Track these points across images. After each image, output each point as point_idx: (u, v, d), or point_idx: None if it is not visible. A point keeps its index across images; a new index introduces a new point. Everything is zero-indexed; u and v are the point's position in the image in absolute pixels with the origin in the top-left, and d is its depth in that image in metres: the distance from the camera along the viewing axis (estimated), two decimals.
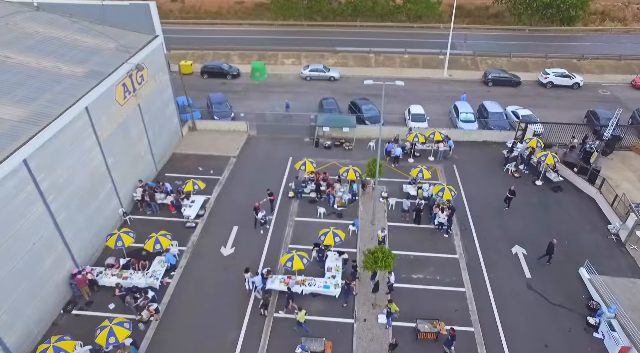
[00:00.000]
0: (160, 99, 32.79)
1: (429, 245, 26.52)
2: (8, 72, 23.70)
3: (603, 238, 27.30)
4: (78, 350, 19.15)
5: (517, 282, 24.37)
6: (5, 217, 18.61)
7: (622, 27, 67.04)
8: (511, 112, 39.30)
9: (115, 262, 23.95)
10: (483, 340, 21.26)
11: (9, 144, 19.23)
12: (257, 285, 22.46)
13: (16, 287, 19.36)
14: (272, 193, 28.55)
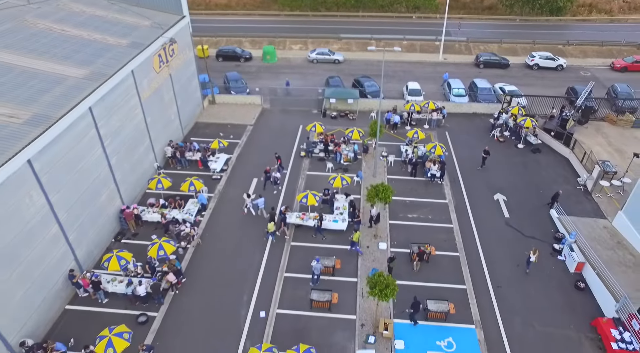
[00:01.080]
0: (186, 73, 37.09)
1: (423, 192, 30.84)
2: (67, 42, 28.03)
3: (573, 189, 31.60)
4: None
5: (497, 221, 28.68)
6: (74, 154, 22.90)
7: (607, 18, 71.32)
8: (498, 88, 43.61)
9: (156, 202, 28.26)
10: (467, 262, 25.54)
11: (77, 95, 23.52)
12: (260, 205, 27.86)
13: (83, 211, 23.67)
14: (279, 157, 32.64)
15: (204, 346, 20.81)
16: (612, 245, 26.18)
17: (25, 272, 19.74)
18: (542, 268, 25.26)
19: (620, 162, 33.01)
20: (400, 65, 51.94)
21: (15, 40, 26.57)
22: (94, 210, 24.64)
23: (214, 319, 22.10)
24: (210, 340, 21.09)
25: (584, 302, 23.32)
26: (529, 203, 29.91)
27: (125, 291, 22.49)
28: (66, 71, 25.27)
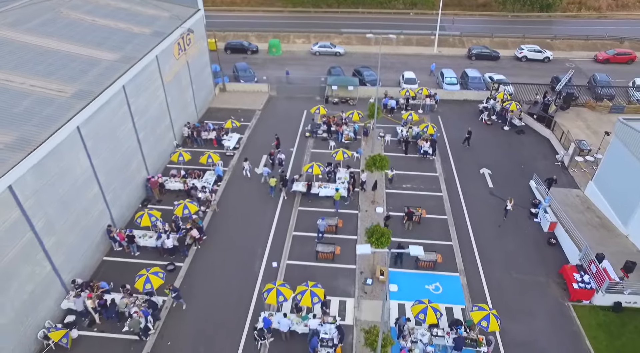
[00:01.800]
0: (200, 61, 40.51)
1: (416, 166, 34.28)
2: (98, 30, 31.44)
3: (551, 164, 35.04)
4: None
5: (482, 190, 32.11)
6: (111, 125, 26.32)
7: (596, 14, 74.79)
8: (488, 77, 47.00)
9: (177, 173, 31.66)
10: (454, 223, 28.96)
11: (112, 75, 26.92)
12: (265, 173, 31.68)
13: (117, 176, 27.07)
14: (278, 138, 35.87)
15: (225, 289, 24.21)
16: (582, 209, 29.61)
17: (75, 221, 23.14)
18: (520, 229, 28.71)
19: (595, 141, 36.39)
20: (397, 57, 55.36)
21: (55, 28, 29.97)
22: (125, 176, 28.06)
23: (232, 268, 25.51)
24: (229, 284, 24.50)
25: (554, 255, 26.75)
26: (512, 176, 33.34)
27: (155, 244, 25.92)
28: (100, 55, 28.68)
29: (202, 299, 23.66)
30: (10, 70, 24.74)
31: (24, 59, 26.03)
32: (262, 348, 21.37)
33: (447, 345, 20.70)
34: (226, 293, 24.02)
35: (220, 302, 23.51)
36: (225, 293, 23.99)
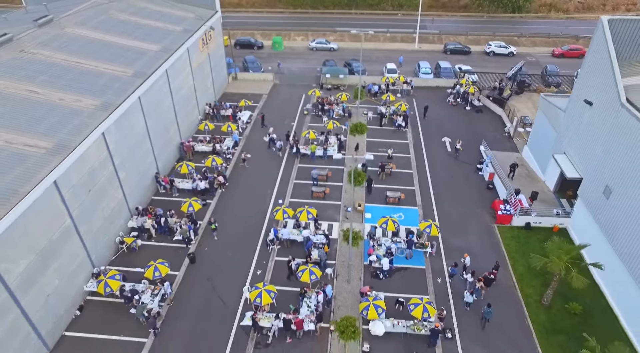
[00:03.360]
0: (217, 54, 49.37)
1: (392, 136, 43.14)
2: (141, 28, 40.32)
3: (500, 135, 43.93)
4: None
5: (442, 153, 40.99)
6: (159, 99, 35.14)
7: (564, 16, 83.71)
8: (457, 68, 55.88)
9: (204, 138, 40.53)
10: (417, 175, 37.80)
11: (157, 62, 35.77)
12: (278, 145, 39.90)
13: (161, 137, 35.90)
14: (263, 115, 44.72)
15: (243, 217, 32.99)
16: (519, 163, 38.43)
17: (136, 165, 31.99)
18: (468, 179, 37.60)
19: None
20: (383, 52, 64.22)
21: (110, 26, 38.86)
22: (166, 138, 36.94)
23: (249, 204, 34.35)
24: (247, 214, 33.31)
25: (490, 196, 35.60)
26: (466, 143, 42.11)
27: (191, 187, 34.76)
28: (147, 47, 37.54)
29: (228, 224, 32.44)
30: (87, 57, 33.59)
31: (94, 49, 34.92)
32: (272, 252, 30.19)
33: (403, 248, 29.54)
34: (245, 219, 32.85)
35: (240, 226, 32.32)
36: (244, 220, 32.82)
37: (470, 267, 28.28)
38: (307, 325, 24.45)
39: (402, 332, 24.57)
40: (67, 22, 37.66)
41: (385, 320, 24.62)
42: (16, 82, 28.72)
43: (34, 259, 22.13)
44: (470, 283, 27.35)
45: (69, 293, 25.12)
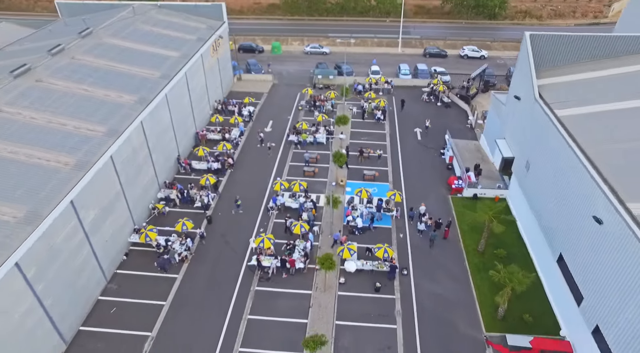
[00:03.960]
0: (224, 58, 57.60)
1: (372, 127, 51.38)
2: (163, 37, 48.54)
3: (464, 127, 52.18)
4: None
5: (413, 141, 49.23)
6: (179, 96, 43.32)
7: (538, 22, 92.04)
8: (433, 69, 64.16)
9: (215, 129, 48.76)
10: (391, 159, 46.03)
11: (178, 67, 43.99)
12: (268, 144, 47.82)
13: (181, 127, 44.10)
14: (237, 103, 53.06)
15: (249, 189, 41.13)
16: (473, 151, 46.56)
17: (163, 149, 40.18)
18: (432, 162, 45.82)
19: None
20: (370, 55, 72.43)
21: (137, 36, 47.09)
22: (185, 128, 45.17)
23: (253, 179, 42.56)
24: (252, 186, 41.47)
25: (449, 174, 43.77)
26: (434, 133, 50.36)
27: (206, 167, 42.96)
28: (168, 53, 45.77)
29: (238, 193, 40.62)
30: (122, 62, 41.81)
31: (126, 55, 43.15)
32: (272, 216, 38.37)
33: (373, 211, 37.73)
34: (250, 190, 41.02)
35: (247, 196, 40.44)
36: (249, 191, 40.98)
37: (424, 215, 36.90)
38: (298, 264, 32.66)
39: (369, 269, 32.79)
40: (103, 33, 45.91)
41: (356, 261, 32.83)
42: (73, 83, 36.96)
43: (98, 212, 30.34)
44: (425, 223, 36.03)
45: (118, 241, 33.34)
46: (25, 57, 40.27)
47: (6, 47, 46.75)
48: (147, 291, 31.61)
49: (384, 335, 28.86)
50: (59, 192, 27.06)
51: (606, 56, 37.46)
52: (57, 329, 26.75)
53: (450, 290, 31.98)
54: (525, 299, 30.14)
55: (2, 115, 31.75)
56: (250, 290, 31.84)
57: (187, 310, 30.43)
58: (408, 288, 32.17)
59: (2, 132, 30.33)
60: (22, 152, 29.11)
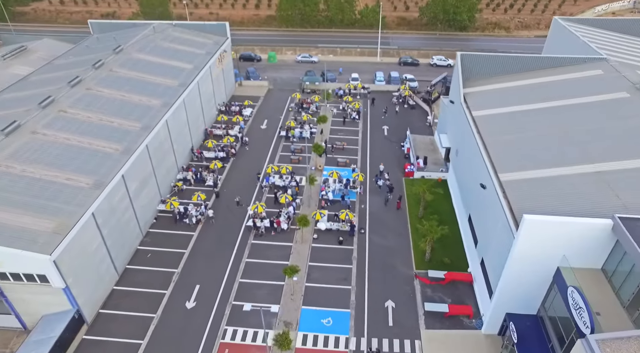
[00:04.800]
0: (228, 68, 69.33)
1: (348, 125, 63.07)
2: (178, 52, 60.29)
3: (424, 125, 63.85)
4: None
5: (380, 136, 60.93)
6: (192, 100, 55.02)
7: (505, 33, 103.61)
8: (403, 76, 75.84)
9: (220, 126, 60.47)
10: (360, 150, 57.68)
11: (192, 76, 55.70)
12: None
13: (194, 124, 55.80)
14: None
15: (247, 172, 52.84)
16: (427, 144, 58.18)
17: (181, 141, 51.86)
18: (393, 152, 57.45)
19: None
20: (351, 64, 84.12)
21: (158, 51, 58.85)
22: (197, 125, 56.88)
23: (251, 165, 54.26)
24: (250, 170, 53.14)
25: (406, 162, 55.41)
26: (399, 131, 62.00)
27: (214, 155, 54.63)
28: (183, 66, 57.48)
29: (238, 177, 52.26)
30: (149, 73, 53.51)
31: (151, 68, 54.87)
32: (265, 192, 50.03)
33: (342, 188, 49.37)
34: (248, 174, 52.67)
35: (245, 177, 52.12)
36: (247, 174, 52.64)
37: (383, 172, 48.98)
38: (283, 225, 44.33)
39: (335, 228, 44.42)
40: (132, 49, 57.69)
41: (326, 222, 44.48)
42: (114, 90, 48.72)
43: (138, 185, 42.02)
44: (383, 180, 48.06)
45: (150, 208, 45.04)
46: (74, 70, 52.13)
47: (54, 61, 58.52)
48: (172, 243, 43.34)
49: (342, 272, 40.51)
50: (114, 168, 38.78)
51: (517, 71, 49.13)
52: (114, 264, 38.46)
53: (394, 243, 43.64)
54: (447, 248, 41.89)
55: (67, 115, 43.49)
56: (247, 243, 43.54)
57: (202, 255, 42.13)
58: (363, 242, 43.82)
59: (71, 127, 42.07)
60: (86, 141, 40.85)
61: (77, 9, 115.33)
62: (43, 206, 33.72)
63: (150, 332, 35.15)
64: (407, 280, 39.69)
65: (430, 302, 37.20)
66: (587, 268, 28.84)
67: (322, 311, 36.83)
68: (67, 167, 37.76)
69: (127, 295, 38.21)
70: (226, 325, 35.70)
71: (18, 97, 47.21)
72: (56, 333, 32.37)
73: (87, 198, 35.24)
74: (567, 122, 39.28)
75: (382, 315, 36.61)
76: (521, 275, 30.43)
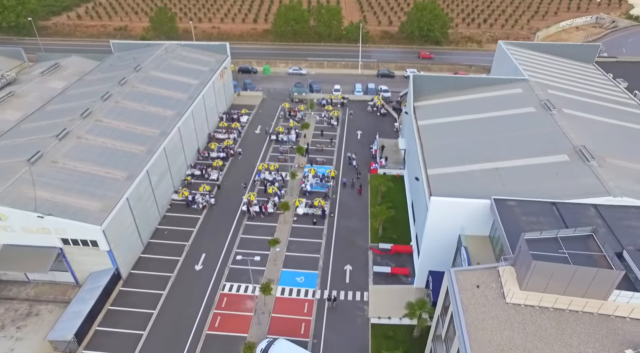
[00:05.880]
0: (228, 82, 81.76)
1: (328, 129, 75.38)
2: (186, 70, 72.77)
3: (392, 130, 76.17)
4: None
5: (354, 139, 73.30)
6: (200, 110, 67.48)
7: (477, 47, 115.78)
8: (378, 87, 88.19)
9: (221, 130, 72.89)
10: (337, 150, 70.04)
11: (199, 89, 68.16)
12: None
13: (200, 128, 68.24)
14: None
15: (244, 169, 65.25)
16: (393, 145, 70.47)
17: (189, 144, 64.26)
18: (363, 153, 69.74)
19: None
20: (336, 76, 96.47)
21: (170, 69, 71.29)
22: (202, 130, 69.22)
23: (246, 163, 66.70)
24: (247, 166, 65.57)
25: (372, 161, 67.76)
26: (370, 134, 74.27)
27: (216, 155, 67.04)
28: (191, 81, 69.92)
29: (235, 172, 64.65)
30: (163, 88, 65.92)
31: (165, 84, 67.28)
32: (257, 184, 62.41)
33: (318, 182, 61.72)
34: (243, 170, 65.07)
35: (241, 173, 64.52)
36: (243, 171, 65.04)
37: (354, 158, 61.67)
38: (270, 210, 56.72)
39: (311, 213, 56.74)
40: (148, 67, 70.20)
41: (304, 208, 56.84)
42: (136, 103, 61.18)
43: (158, 178, 54.43)
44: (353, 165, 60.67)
45: (166, 196, 57.46)
46: (104, 85, 64.65)
47: (85, 77, 71.02)
48: (183, 223, 55.77)
49: (314, 245, 52.86)
50: (140, 165, 51.19)
51: (458, 89, 61.40)
52: (140, 237, 50.89)
53: (356, 224, 55.96)
54: (397, 227, 54.18)
55: (102, 124, 55.93)
56: (242, 223, 55.95)
57: (207, 233, 54.53)
58: (332, 223, 56.16)
59: (106, 133, 54.52)
60: (118, 144, 53.29)
61: (93, 23, 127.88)
62: (92, 192, 46.13)
63: (168, 286, 47.56)
64: (363, 251, 52.04)
65: (378, 265, 49.57)
66: (479, 235, 41.15)
67: (297, 272, 49.22)
68: (106, 164, 50.17)
69: (151, 260, 50.64)
70: (225, 281, 48.12)
71: (62, 108, 59.75)
72: (102, 284, 44.80)
73: (122, 187, 47.64)
74: (485, 130, 51.60)
75: (341, 275, 48.98)
76: (435, 240, 42.81)
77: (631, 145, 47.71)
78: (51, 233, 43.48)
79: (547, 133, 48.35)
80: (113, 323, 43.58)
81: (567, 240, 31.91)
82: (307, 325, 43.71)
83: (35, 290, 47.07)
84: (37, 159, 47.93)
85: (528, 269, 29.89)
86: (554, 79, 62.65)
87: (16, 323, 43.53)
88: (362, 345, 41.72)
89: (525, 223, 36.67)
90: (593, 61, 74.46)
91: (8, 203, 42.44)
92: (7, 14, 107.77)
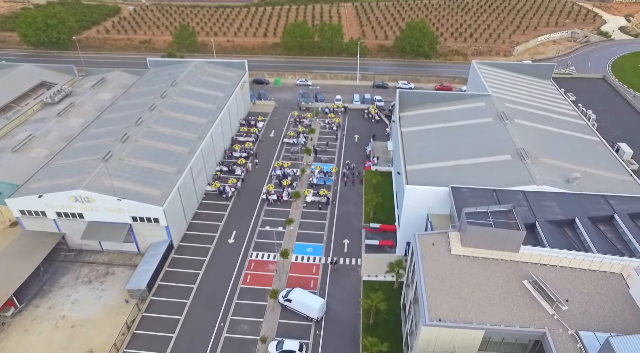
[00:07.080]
0: (246, 93, 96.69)
1: (330, 134, 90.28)
2: (213, 84, 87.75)
3: (384, 134, 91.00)
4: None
5: (352, 142, 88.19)
6: (226, 118, 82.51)
7: (463, 60, 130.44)
8: (373, 97, 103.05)
9: (242, 134, 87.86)
10: (338, 151, 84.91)
11: (224, 101, 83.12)
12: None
13: (226, 133, 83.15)
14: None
15: (262, 166, 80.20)
16: (383, 148, 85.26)
17: (218, 144, 79.22)
18: (359, 154, 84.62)
19: None
20: (337, 87, 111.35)
21: (200, 83, 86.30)
22: (227, 133, 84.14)
23: (264, 161, 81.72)
24: (263, 165, 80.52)
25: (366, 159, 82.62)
26: (365, 137, 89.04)
27: (239, 155, 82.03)
28: (217, 94, 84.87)
29: (255, 169, 79.56)
30: (195, 100, 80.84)
31: (196, 96, 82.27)
32: (273, 178, 77.32)
33: (323, 176, 76.59)
34: (262, 167, 79.99)
35: (260, 170, 79.46)
36: (262, 167, 79.96)
37: (349, 164, 76.26)
38: (285, 198, 71.66)
39: (317, 200, 71.63)
40: (182, 82, 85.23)
41: (311, 196, 71.74)
42: (176, 113, 76.16)
43: (197, 172, 69.34)
44: (351, 167, 75.32)
45: (202, 187, 72.41)
46: (148, 97, 79.71)
47: (130, 90, 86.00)
48: (216, 208, 70.75)
49: (320, 225, 67.74)
50: (185, 162, 66.18)
51: (436, 102, 76.16)
52: (185, 218, 65.85)
53: (353, 209, 70.88)
54: (385, 212, 69.04)
55: (152, 130, 70.90)
56: (263, 209, 70.92)
57: (236, 215, 69.49)
58: (334, 209, 71.05)
59: (156, 137, 69.50)
60: (167, 146, 68.28)
61: (120, 37, 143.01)
62: (152, 183, 61.10)
63: (209, 254, 62.53)
64: (358, 229, 66.94)
65: (368, 239, 64.45)
66: (442, 214, 55.89)
67: (307, 245, 64.17)
68: (159, 161, 65.16)
69: (193, 235, 65.62)
70: (252, 250, 63.06)
71: (117, 117, 74.84)
72: (161, 251, 59.74)
73: (173, 179, 62.60)
74: (452, 136, 66.43)
75: (341, 247, 63.89)
76: (411, 218, 57.60)
77: (561, 148, 62.51)
78: (124, 213, 58.39)
79: (498, 138, 63.18)
80: (170, 279, 58.53)
81: (494, 213, 46.66)
82: (315, 282, 58.60)
83: (109, 257, 62.05)
84: (109, 157, 62.93)
85: (465, 232, 44.72)
86: (513, 94, 77.44)
87: (99, 279, 58.52)
88: (356, 295, 56.58)
89: (472, 205, 51.17)
90: (550, 77, 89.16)
91: (95, 189, 57.41)
92: (50, 31, 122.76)
